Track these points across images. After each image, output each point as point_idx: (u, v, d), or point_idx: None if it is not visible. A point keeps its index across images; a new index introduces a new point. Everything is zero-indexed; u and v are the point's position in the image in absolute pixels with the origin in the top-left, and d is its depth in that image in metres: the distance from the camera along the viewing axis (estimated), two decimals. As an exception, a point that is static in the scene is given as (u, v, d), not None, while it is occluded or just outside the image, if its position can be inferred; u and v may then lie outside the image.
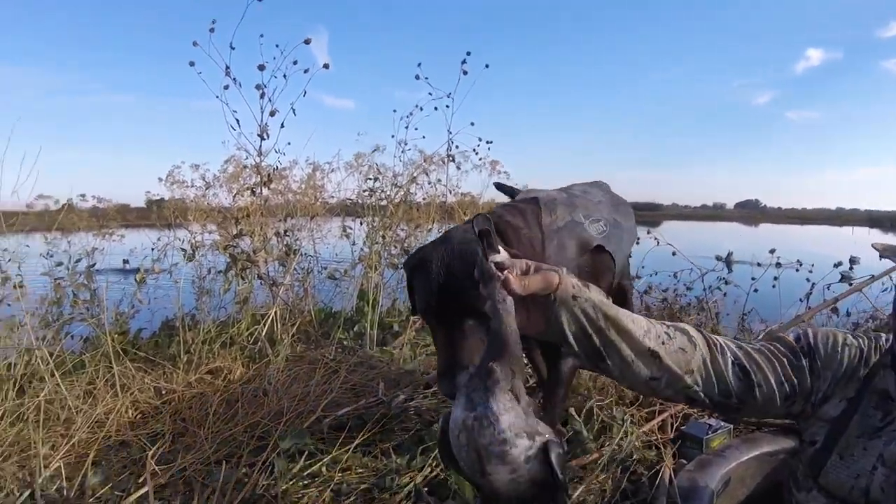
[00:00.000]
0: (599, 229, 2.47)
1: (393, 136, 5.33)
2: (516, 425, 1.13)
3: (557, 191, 2.64)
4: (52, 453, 2.65)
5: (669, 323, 1.44)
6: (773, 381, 1.41)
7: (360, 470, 2.44)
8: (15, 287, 3.69)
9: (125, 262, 5.57)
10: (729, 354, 1.42)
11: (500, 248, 1.26)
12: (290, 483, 2.31)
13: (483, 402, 1.13)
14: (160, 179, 5.44)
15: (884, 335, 1.49)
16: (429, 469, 2.40)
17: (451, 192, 5.83)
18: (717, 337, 1.48)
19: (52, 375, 3.23)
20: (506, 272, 1.19)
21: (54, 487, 2.47)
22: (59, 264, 4.40)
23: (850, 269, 5.42)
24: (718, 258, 6.00)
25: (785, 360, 1.43)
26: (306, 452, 2.49)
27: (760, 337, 4.67)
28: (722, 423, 2.58)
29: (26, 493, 2.38)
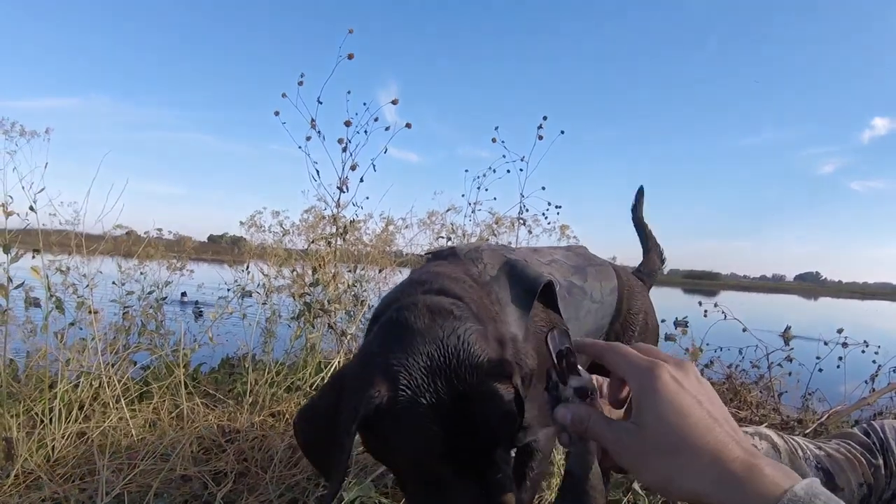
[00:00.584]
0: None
1: (463, 196, 5.35)
2: None
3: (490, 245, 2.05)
4: (115, 479, 2.62)
5: (751, 430, 1.41)
6: (854, 484, 1.37)
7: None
8: (90, 312, 3.74)
9: (183, 294, 5.61)
10: (811, 457, 1.39)
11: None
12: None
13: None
14: (241, 223, 5.54)
15: None
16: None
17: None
18: (796, 438, 1.45)
19: (118, 402, 3.24)
20: (594, 402, 0.90)
21: (115, 515, 2.43)
22: (130, 293, 4.46)
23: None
24: (780, 335, 5.86)
25: (863, 459, 1.40)
26: (371, 505, 2.43)
27: (824, 419, 4.50)
28: None
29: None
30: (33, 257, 3.66)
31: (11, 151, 3.71)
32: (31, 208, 3.63)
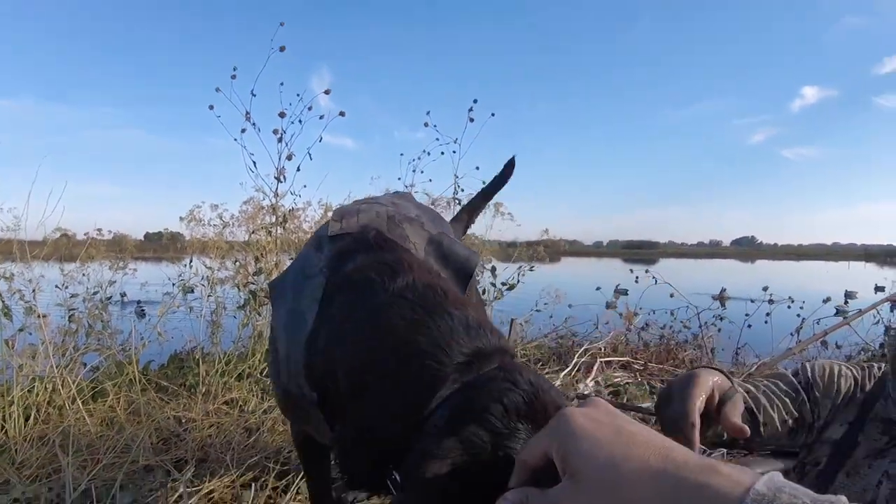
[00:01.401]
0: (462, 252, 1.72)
1: (399, 179, 5.51)
2: None
3: (368, 203, 1.75)
4: (80, 476, 2.75)
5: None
6: (776, 420, 1.53)
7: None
8: (38, 317, 3.82)
9: (122, 295, 5.66)
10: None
11: None
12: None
13: None
14: (181, 218, 5.58)
15: (876, 365, 1.63)
16: None
17: (457, 234, 5.96)
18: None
19: (73, 402, 3.35)
20: None
21: (84, 509, 2.57)
22: (74, 296, 4.53)
23: (846, 303, 5.67)
24: (714, 297, 6.21)
25: (787, 398, 1.57)
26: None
27: (753, 370, 4.85)
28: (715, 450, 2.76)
29: (58, 513, 2.48)
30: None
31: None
32: None
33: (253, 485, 2.59)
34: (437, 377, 1.11)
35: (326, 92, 4.54)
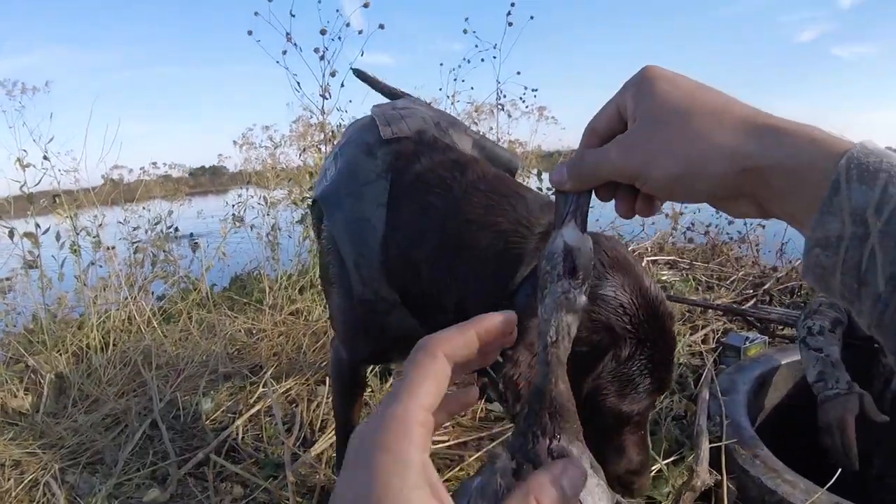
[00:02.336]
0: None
1: (441, 89, 5.48)
2: None
3: (405, 108, 1.67)
4: (164, 388, 2.92)
5: None
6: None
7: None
8: (107, 249, 3.99)
9: (175, 229, 5.83)
10: None
11: None
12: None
13: None
14: (234, 142, 5.73)
15: None
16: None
17: (501, 140, 5.96)
18: None
19: (148, 325, 3.52)
20: None
21: (171, 415, 2.73)
22: (136, 229, 4.69)
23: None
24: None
25: None
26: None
27: (798, 265, 4.79)
28: (758, 336, 2.90)
29: (147, 422, 2.64)
30: (54, 202, 3.88)
31: (19, 108, 3.88)
32: (45, 157, 3.86)
33: (326, 379, 2.71)
34: (520, 253, 1.18)
35: (365, 5, 4.49)
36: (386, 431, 0.40)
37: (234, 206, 4.93)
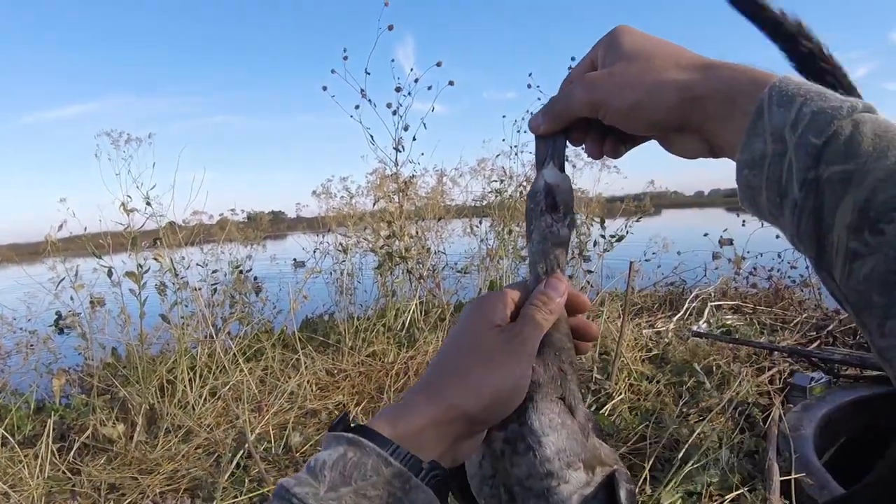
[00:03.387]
0: None
1: (504, 140, 5.65)
2: (569, 451, 0.68)
3: None
4: (254, 422, 3.07)
5: None
6: None
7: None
8: (194, 290, 4.21)
9: (243, 271, 6.06)
10: None
11: None
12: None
13: (518, 415, 0.67)
14: (314, 192, 6.00)
15: None
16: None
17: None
18: None
19: (234, 363, 3.69)
20: None
21: (262, 448, 2.87)
22: (215, 272, 4.91)
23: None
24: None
25: None
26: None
27: None
28: (823, 376, 3.04)
29: (241, 452, 2.79)
30: (155, 244, 4.13)
31: (127, 158, 4.16)
32: (148, 203, 4.14)
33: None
34: None
35: (438, 64, 4.75)
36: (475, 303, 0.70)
37: (314, 251, 5.13)
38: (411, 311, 4.38)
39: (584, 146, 0.71)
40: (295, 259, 5.29)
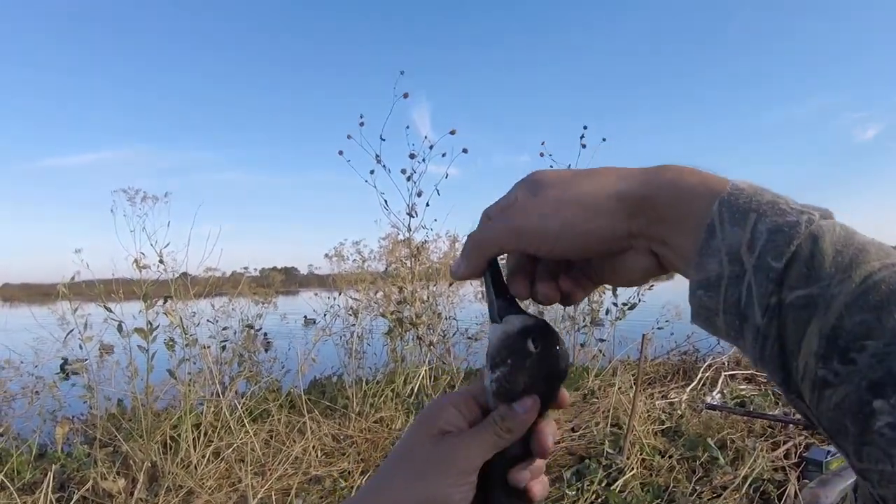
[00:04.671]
0: None
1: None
2: None
3: None
4: (257, 485, 3.03)
5: None
6: None
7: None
8: (203, 347, 4.21)
9: (251, 328, 6.06)
10: None
11: None
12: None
13: None
14: (326, 255, 6.06)
15: None
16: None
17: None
18: None
19: (239, 422, 3.66)
20: None
21: (263, 514, 2.83)
22: (225, 328, 4.91)
23: None
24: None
25: None
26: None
27: None
28: None
29: (241, 518, 2.74)
30: (164, 302, 4.14)
31: (142, 216, 4.22)
32: (161, 261, 4.18)
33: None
34: None
35: (452, 132, 4.81)
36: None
37: (323, 314, 5.15)
38: (420, 378, 4.35)
39: (537, 293, 0.61)
40: (305, 317, 5.28)
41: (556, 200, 0.54)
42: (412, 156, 4.72)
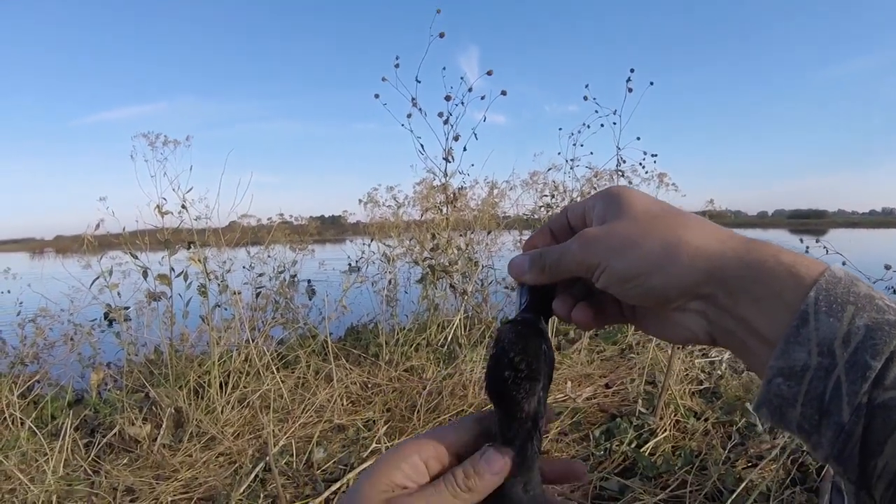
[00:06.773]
0: None
1: (560, 153, 5.47)
2: None
3: None
4: (279, 432, 2.94)
5: None
6: None
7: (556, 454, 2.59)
8: (233, 293, 4.13)
9: (293, 276, 5.99)
10: None
11: None
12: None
13: None
14: (360, 201, 5.91)
15: None
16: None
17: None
18: None
19: (267, 369, 3.58)
20: None
21: (283, 461, 2.74)
22: (261, 275, 4.84)
23: None
24: (887, 266, 5.81)
25: None
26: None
27: None
28: None
29: (261, 465, 2.66)
30: (189, 248, 4.07)
31: (162, 160, 4.12)
32: (184, 207, 4.08)
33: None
34: None
35: (489, 73, 4.59)
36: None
37: (357, 260, 5.04)
38: (454, 327, 4.21)
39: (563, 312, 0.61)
40: (350, 265, 5.20)
41: (638, 238, 0.52)
42: (448, 98, 4.52)
